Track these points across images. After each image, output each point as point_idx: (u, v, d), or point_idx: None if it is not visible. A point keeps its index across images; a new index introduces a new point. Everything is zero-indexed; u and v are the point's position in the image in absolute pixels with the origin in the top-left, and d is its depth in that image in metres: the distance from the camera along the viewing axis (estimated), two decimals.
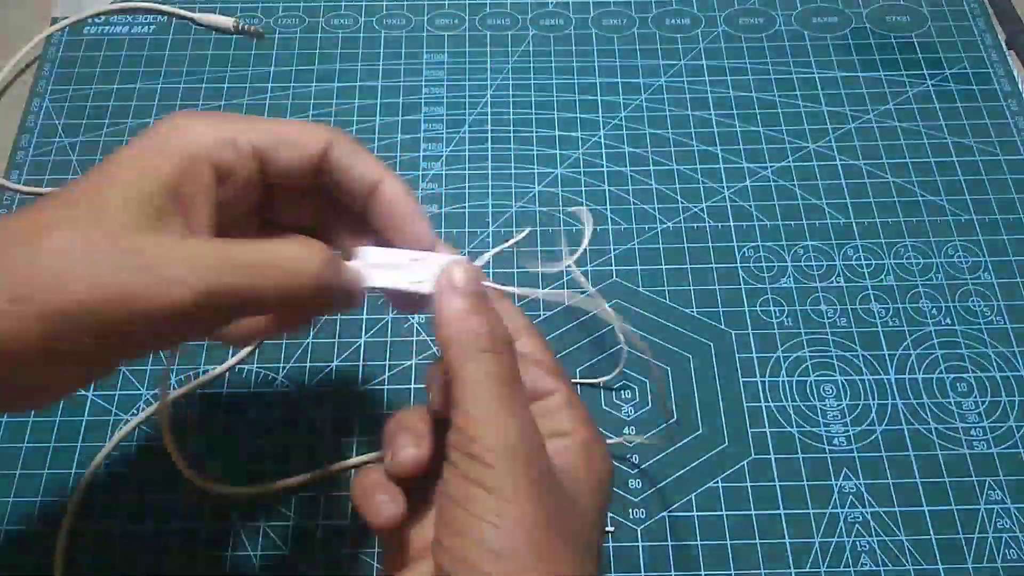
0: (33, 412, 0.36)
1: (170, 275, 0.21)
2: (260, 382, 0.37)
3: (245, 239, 0.23)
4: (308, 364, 0.38)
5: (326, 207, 0.28)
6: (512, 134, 0.45)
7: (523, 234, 0.28)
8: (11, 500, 0.34)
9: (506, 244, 0.26)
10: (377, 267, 0.25)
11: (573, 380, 0.37)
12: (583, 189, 0.43)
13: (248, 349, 0.38)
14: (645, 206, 0.42)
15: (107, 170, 0.23)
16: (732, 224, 0.42)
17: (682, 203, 0.42)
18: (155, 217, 0.22)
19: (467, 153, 0.44)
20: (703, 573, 0.33)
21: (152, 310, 0.21)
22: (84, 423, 0.36)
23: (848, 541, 0.33)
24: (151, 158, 0.23)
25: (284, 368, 0.37)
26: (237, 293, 0.22)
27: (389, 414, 0.36)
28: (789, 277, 0.40)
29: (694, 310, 0.39)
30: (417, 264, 0.25)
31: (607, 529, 0.33)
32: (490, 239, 0.41)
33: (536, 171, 0.44)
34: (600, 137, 0.45)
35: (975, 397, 0.37)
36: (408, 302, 0.27)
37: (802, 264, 0.40)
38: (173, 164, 0.23)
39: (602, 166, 0.44)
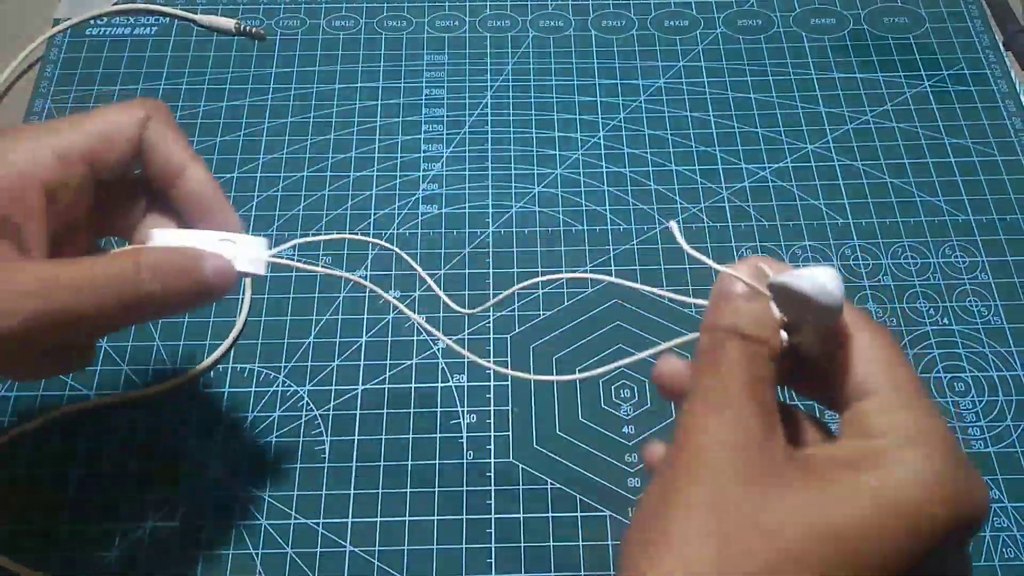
0: None
1: (2, 306, 0.22)
2: (261, 381, 0.37)
3: (74, 260, 0.24)
4: (309, 364, 0.38)
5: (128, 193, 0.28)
6: (512, 135, 0.45)
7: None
8: None
9: (306, 241, 0.28)
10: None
11: (572, 376, 0.37)
12: (583, 190, 0.43)
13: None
14: (644, 206, 0.43)
15: None
16: (730, 224, 0.42)
17: (681, 203, 0.43)
18: None
19: (467, 154, 0.45)
20: None
21: None
22: None
23: None
24: None
25: (285, 368, 0.38)
26: (67, 312, 0.23)
27: (390, 412, 0.36)
28: None
29: (693, 310, 0.39)
30: (241, 247, 0.26)
31: None
32: (490, 239, 0.41)
33: (536, 172, 0.44)
34: (599, 138, 0.45)
35: (972, 396, 0.37)
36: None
37: (800, 264, 0.41)
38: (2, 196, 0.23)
39: (601, 167, 0.44)
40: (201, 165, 0.27)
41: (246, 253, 0.26)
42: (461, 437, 0.36)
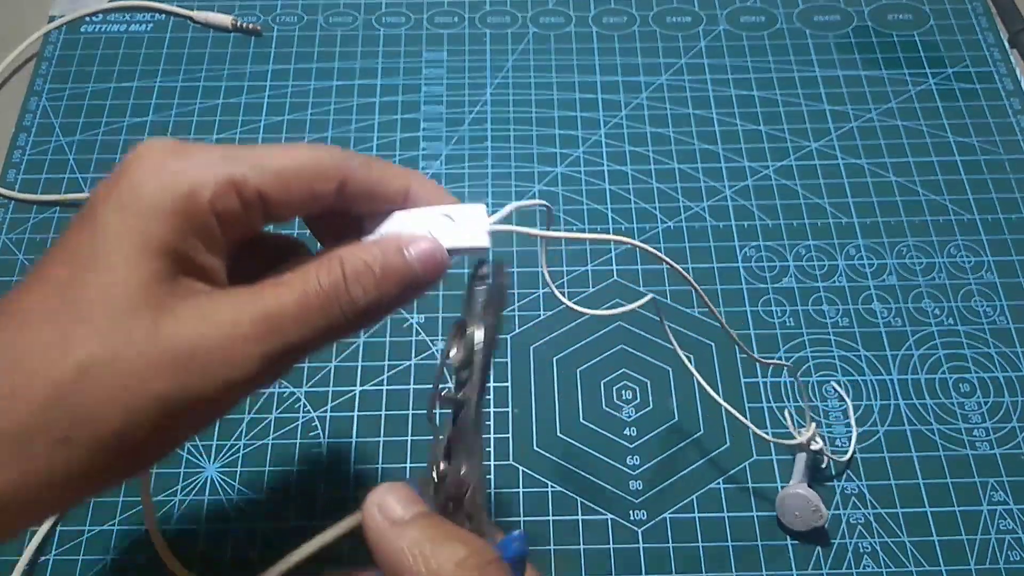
0: None
1: (226, 356, 0.20)
2: None
3: (274, 285, 0.22)
4: (306, 365, 0.37)
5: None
6: (512, 133, 0.45)
7: (538, 203, 0.27)
8: None
9: (523, 204, 0.25)
10: (436, 232, 0.24)
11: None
12: (583, 188, 0.43)
13: None
14: (646, 205, 0.42)
15: (93, 246, 0.20)
16: (734, 223, 0.41)
17: (683, 202, 0.42)
18: (171, 292, 0.20)
19: (467, 152, 0.44)
20: (704, 574, 0.32)
21: (214, 395, 0.20)
22: None
23: (850, 542, 0.33)
24: (144, 221, 0.20)
25: None
26: (289, 347, 0.21)
27: (388, 414, 0.36)
28: (791, 277, 0.40)
29: (695, 310, 0.39)
30: (456, 219, 0.24)
31: None
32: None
33: (536, 170, 0.43)
34: (601, 136, 0.45)
35: (978, 398, 0.37)
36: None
37: (804, 264, 0.40)
38: (172, 225, 0.20)
39: (603, 165, 0.44)
40: (419, 176, 0.25)
41: (465, 226, 0.24)
42: None
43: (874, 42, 0.48)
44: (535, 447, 0.35)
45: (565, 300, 0.28)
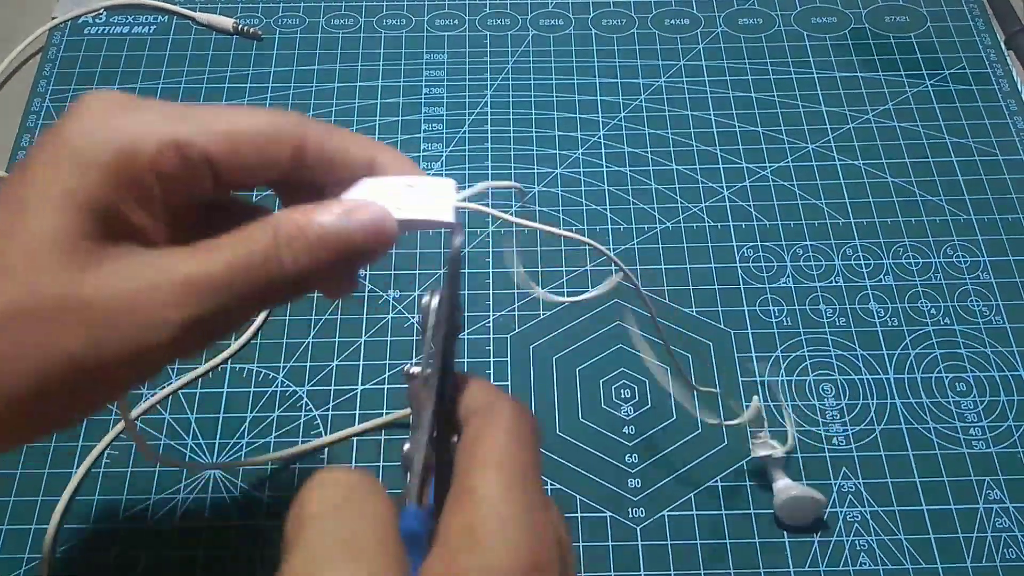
0: None
1: (141, 319, 0.19)
2: (260, 381, 0.37)
3: (208, 247, 0.20)
4: (308, 364, 0.38)
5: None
6: (512, 134, 0.45)
7: (512, 185, 0.26)
8: None
9: (496, 185, 0.24)
10: (396, 202, 0.22)
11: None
12: (582, 189, 0.43)
13: (233, 347, 0.38)
14: (644, 206, 0.43)
15: (22, 196, 0.19)
16: (731, 224, 0.42)
17: (681, 203, 0.43)
18: (97, 249, 0.19)
19: (467, 153, 0.44)
20: (702, 572, 0.33)
21: (128, 358, 0.19)
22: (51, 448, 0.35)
23: (847, 540, 0.33)
24: (74, 175, 0.19)
25: (284, 368, 0.37)
26: (216, 313, 0.20)
27: (387, 413, 0.36)
28: (788, 277, 0.40)
29: (693, 310, 0.39)
30: (422, 192, 0.22)
31: None
32: (489, 238, 0.41)
33: (536, 171, 0.44)
34: (600, 137, 0.45)
35: (974, 397, 0.37)
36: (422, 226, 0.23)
37: (801, 264, 0.41)
38: (104, 180, 0.19)
39: (601, 166, 0.44)
40: (384, 147, 0.23)
41: (430, 199, 0.22)
42: None
43: (871, 44, 0.49)
44: None
45: (539, 290, 0.27)
